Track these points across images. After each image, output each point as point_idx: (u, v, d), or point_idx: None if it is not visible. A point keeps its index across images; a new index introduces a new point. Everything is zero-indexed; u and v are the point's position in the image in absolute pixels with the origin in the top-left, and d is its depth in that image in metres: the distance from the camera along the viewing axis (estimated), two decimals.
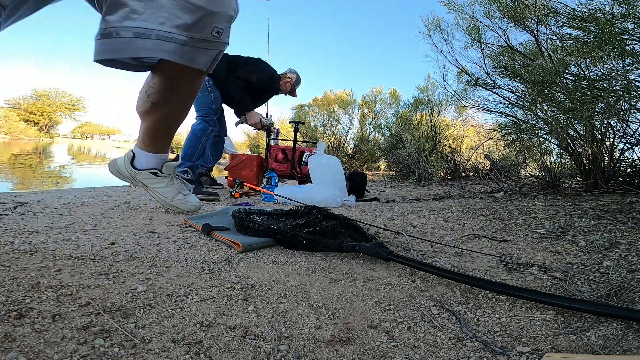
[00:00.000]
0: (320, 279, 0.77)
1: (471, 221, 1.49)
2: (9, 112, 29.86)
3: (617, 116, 1.78)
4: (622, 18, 1.31)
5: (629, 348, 0.52)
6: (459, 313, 0.64)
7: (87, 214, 1.28)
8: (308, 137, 7.58)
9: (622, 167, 2.04)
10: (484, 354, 0.51)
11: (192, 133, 2.22)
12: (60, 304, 0.56)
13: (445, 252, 1.03)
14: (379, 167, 8.09)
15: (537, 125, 2.22)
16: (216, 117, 2.31)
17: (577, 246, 1.02)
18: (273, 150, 3.06)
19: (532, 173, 2.86)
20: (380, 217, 1.66)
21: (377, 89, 7.45)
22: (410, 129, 5.69)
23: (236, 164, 2.84)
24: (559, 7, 1.65)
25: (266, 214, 1.12)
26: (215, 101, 2.28)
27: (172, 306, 0.60)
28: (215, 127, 2.31)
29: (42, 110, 37.86)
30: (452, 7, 2.42)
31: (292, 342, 0.52)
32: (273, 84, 2.56)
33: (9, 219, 1.11)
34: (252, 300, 0.65)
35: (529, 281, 0.79)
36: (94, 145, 27.04)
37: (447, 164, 4.70)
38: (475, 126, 4.91)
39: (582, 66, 1.83)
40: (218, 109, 2.32)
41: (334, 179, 2.36)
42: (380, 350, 0.52)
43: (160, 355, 0.46)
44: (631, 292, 0.68)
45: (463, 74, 2.65)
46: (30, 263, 0.72)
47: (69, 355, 0.44)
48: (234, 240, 0.97)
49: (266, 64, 2.56)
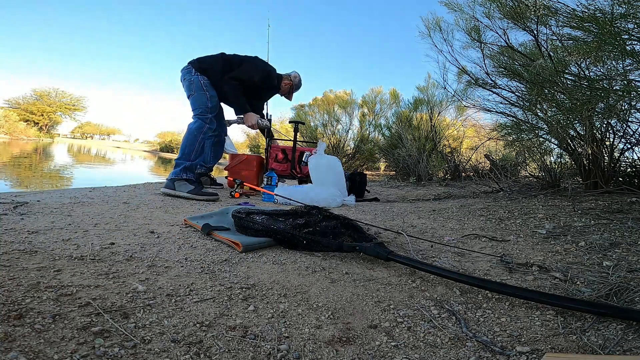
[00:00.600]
0: (320, 279, 0.77)
1: (471, 221, 1.49)
2: (9, 112, 29.86)
3: (617, 116, 1.78)
4: (622, 18, 1.31)
5: (629, 348, 0.52)
6: (459, 313, 0.64)
7: (87, 214, 1.28)
8: (308, 137, 7.58)
9: (622, 167, 2.04)
10: (484, 354, 0.51)
11: (189, 132, 2.22)
12: (60, 304, 0.56)
13: (445, 252, 1.03)
14: (379, 167, 8.09)
15: (537, 125, 2.22)
16: (212, 115, 2.30)
17: (577, 246, 1.02)
18: (273, 150, 3.06)
19: (532, 173, 2.86)
20: (380, 217, 1.66)
21: (377, 89, 7.45)
22: (410, 129, 5.69)
23: (236, 164, 2.84)
24: (559, 7, 1.64)
25: (266, 214, 1.12)
26: (211, 99, 2.27)
27: (172, 306, 0.60)
28: (212, 124, 2.30)
29: (42, 110, 37.86)
30: (452, 7, 2.42)
31: (292, 342, 0.52)
32: (271, 82, 2.54)
33: (9, 219, 1.11)
34: (252, 300, 0.65)
35: (529, 281, 0.79)
36: (94, 145, 27.05)
37: (447, 164, 4.69)
38: (475, 126, 4.91)
39: (582, 66, 1.83)
40: (214, 107, 2.31)
41: (334, 179, 2.36)
42: (380, 350, 0.52)
43: (160, 355, 0.46)
44: (631, 292, 0.68)
45: (463, 74, 2.65)
46: (30, 263, 0.72)
47: (69, 355, 0.44)
48: (233, 240, 0.97)
49: (263, 62, 2.54)
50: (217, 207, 1.72)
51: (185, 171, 2.11)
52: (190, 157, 2.19)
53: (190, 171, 2.13)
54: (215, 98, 2.33)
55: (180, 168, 2.11)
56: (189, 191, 1.99)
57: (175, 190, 2.02)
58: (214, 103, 2.33)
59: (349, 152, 7.51)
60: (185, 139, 2.23)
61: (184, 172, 2.10)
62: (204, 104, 2.27)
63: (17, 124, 28.45)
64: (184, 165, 2.13)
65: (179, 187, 2.02)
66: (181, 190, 2.00)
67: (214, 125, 2.36)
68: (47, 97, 39.98)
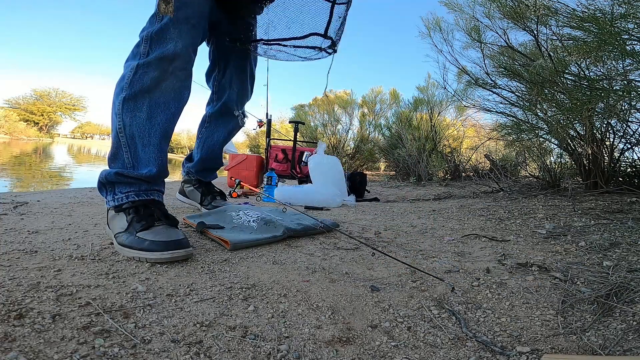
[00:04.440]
0: (320, 279, 0.77)
1: (471, 221, 1.49)
2: (9, 112, 29.85)
3: (617, 116, 1.78)
4: (622, 18, 1.31)
5: (629, 348, 0.52)
6: (459, 313, 0.64)
7: (87, 214, 1.28)
8: (308, 137, 7.58)
9: (622, 167, 2.04)
10: (484, 354, 0.51)
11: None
12: (60, 304, 0.56)
13: (445, 252, 1.03)
14: (379, 167, 8.09)
15: (537, 125, 2.22)
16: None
17: (577, 246, 1.02)
18: (273, 150, 3.07)
19: (532, 173, 2.86)
20: (380, 217, 1.66)
21: (377, 89, 7.45)
22: (410, 129, 5.68)
23: (236, 164, 2.84)
24: (559, 7, 1.64)
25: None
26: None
27: (172, 306, 0.60)
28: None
29: (42, 110, 37.87)
30: (452, 7, 2.42)
31: (292, 342, 0.52)
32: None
33: (9, 219, 1.11)
34: (252, 300, 0.65)
35: (529, 281, 0.79)
36: (94, 145, 27.06)
37: (447, 164, 4.69)
38: (475, 126, 4.92)
39: (582, 66, 1.83)
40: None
41: (334, 179, 2.36)
42: (380, 350, 0.52)
43: (160, 355, 0.46)
44: (631, 292, 0.68)
45: (463, 74, 2.65)
46: (30, 263, 0.72)
47: (69, 355, 0.44)
48: (223, 238, 0.97)
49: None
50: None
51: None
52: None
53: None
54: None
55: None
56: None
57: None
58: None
59: (349, 152, 7.51)
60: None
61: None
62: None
63: (17, 124, 28.45)
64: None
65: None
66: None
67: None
68: (47, 97, 39.99)
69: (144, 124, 0.93)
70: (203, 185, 1.50)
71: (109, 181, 0.94)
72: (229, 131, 1.44)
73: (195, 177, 1.51)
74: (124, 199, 0.91)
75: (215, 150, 1.46)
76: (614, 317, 0.60)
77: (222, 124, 1.41)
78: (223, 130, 1.42)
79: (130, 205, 0.89)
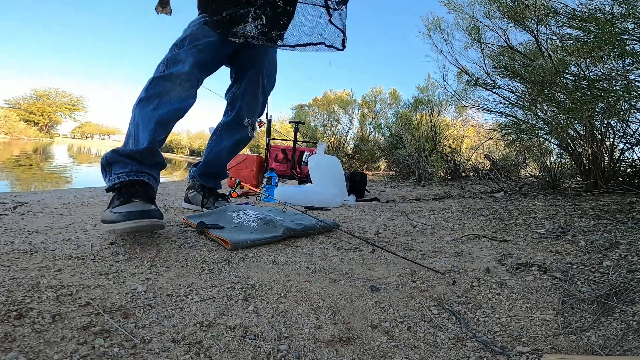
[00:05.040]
0: (320, 279, 0.77)
1: (471, 221, 1.49)
2: (9, 112, 29.86)
3: (617, 116, 1.78)
4: (622, 18, 1.31)
5: (629, 348, 0.52)
6: (459, 313, 0.64)
7: (87, 214, 1.28)
8: (308, 137, 7.58)
9: (622, 167, 2.04)
10: (484, 354, 0.51)
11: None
12: (60, 304, 0.56)
13: (445, 252, 1.03)
14: (379, 167, 8.09)
15: (537, 125, 2.22)
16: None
17: (577, 246, 1.02)
18: (273, 150, 3.07)
19: (532, 173, 2.86)
20: (380, 217, 1.66)
21: (377, 89, 7.45)
22: (410, 129, 5.69)
23: (236, 164, 2.84)
24: (559, 7, 1.65)
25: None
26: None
27: (172, 306, 0.60)
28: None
29: (42, 110, 37.88)
30: (452, 7, 2.43)
31: (292, 342, 0.52)
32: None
33: (9, 219, 1.11)
34: (252, 300, 0.65)
35: (529, 281, 0.79)
36: (94, 145, 27.07)
37: (447, 164, 4.70)
38: (475, 126, 4.92)
39: (582, 66, 1.83)
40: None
41: (334, 179, 2.36)
42: (380, 350, 0.52)
43: (160, 355, 0.46)
44: (631, 292, 0.68)
45: (463, 74, 2.65)
46: (30, 263, 0.72)
47: (69, 355, 0.44)
48: (223, 238, 0.97)
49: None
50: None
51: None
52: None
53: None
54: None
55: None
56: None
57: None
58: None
59: (349, 152, 7.52)
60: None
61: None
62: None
63: (17, 124, 28.47)
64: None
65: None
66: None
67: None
68: (47, 97, 40.01)
69: (148, 113, 1.09)
70: (206, 189, 1.53)
71: (107, 162, 1.05)
72: (237, 140, 1.50)
73: (199, 181, 1.54)
74: (115, 179, 1.00)
75: (221, 156, 1.51)
76: (614, 317, 0.60)
77: (231, 132, 1.48)
78: (231, 138, 1.48)
79: (120, 185, 0.98)
